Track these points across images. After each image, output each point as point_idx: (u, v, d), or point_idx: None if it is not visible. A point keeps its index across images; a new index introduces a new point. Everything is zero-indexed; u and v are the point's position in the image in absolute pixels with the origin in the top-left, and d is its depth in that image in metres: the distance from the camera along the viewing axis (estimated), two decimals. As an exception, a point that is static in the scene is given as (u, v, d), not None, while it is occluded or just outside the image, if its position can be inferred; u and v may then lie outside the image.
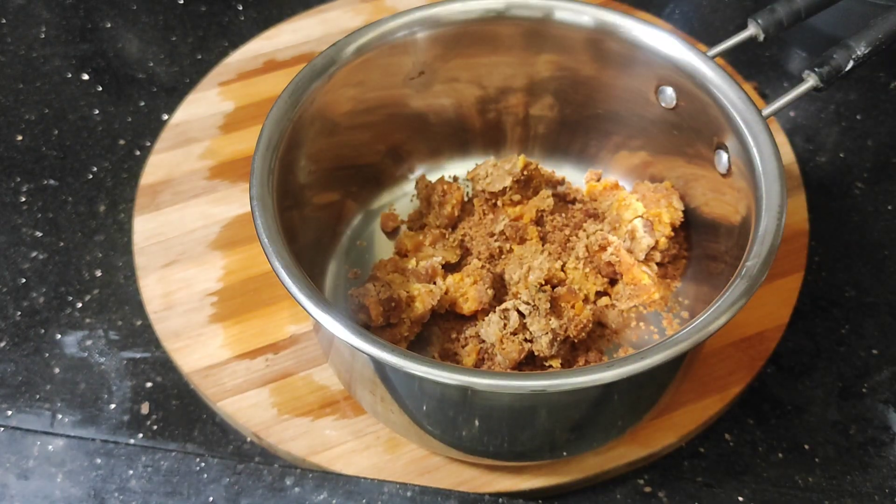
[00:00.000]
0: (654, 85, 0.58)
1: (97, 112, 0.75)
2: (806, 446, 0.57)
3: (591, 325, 0.56)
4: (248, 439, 0.57)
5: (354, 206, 0.64)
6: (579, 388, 0.42)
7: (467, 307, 0.57)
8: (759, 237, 0.47)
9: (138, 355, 0.61)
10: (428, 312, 0.56)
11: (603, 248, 0.59)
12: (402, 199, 0.66)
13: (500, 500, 0.53)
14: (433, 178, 0.65)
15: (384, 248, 0.64)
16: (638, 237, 0.59)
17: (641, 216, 0.59)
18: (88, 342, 0.61)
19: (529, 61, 0.61)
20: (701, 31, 0.81)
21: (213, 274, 0.63)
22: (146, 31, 0.82)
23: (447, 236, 0.62)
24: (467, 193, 0.65)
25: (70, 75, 0.78)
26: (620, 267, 0.59)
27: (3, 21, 0.82)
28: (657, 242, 0.59)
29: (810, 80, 0.54)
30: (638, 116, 0.61)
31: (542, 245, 0.61)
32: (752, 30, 0.56)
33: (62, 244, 0.67)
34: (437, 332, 0.58)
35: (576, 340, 0.56)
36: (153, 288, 0.62)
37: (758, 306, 0.60)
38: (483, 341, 0.56)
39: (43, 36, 0.81)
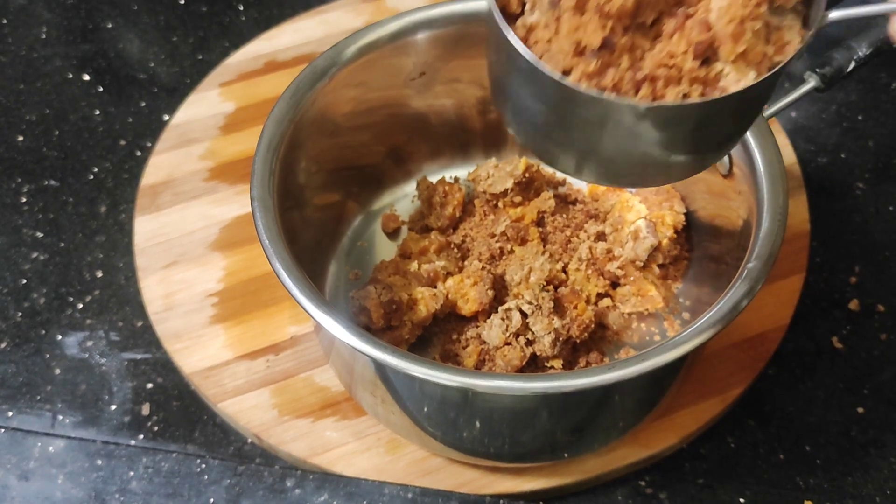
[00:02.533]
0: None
1: (98, 112, 0.75)
2: (807, 448, 0.57)
3: (593, 326, 0.56)
4: (249, 440, 0.57)
5: (355, 207, 0.64)
6: (580, 390, 0.42)
7: (467, 308, 0.57)
8: (761, 238, 0.47)
9: (139, 356, 0.61)
10: (430, 316, 0.56)
11: (610, 259, 0.59)
12: (402, 199, 0.66)
13: (501, 501, 0.53)
14: (434, 179, 0.65)
15: (385, 249, 0.64)
16: (641, 237, 0.59)
17: (644, 218, 0.59)
18: (89, 343, 0.61)
19: (530, 62, 0.61)
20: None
21: (214, 275, 0.63)
22: (147, 32, 0.82)
23: (452, 245, 0.62)
24: (468, 194, 0.65)
25: (71, 76, 0.78)
26: (626, 279, 0.58)
27: (4, 21, 0.82)
28: (660, 244, 0.59)
29: (812, 81, 0.54)
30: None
31: (543, 246, 0.61)
32: None
33: (63, 245, 0.67)
34: (438, 333, 0.58)
35: (578, 341, 0.56)
36: (154, 289, 0.62)
37: (759, 307, 0.60)
38: (484, 342, 0.56)
39: (44, 36, 0.81)
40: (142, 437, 0.57)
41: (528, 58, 0.36)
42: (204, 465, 0.54)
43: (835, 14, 0.37)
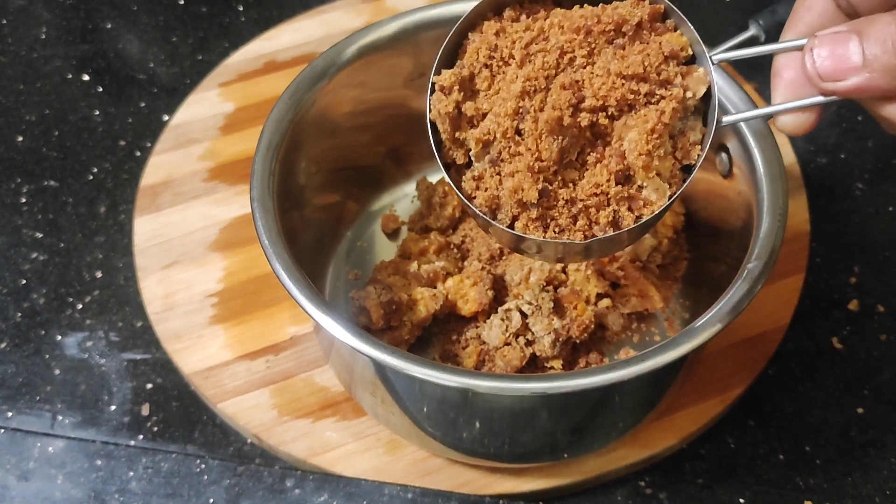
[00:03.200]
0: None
1: (98, 113, 0.75)
2: (807, 448, 0.57)
3: (593, 326, 0.56)
4: (249, 441, 0.57)
5: (355, 208, 0.64)
6: (580, 391, 0.42)
7: (467, 308, 0.57)
8: (761, 239, 0.47)
9: (139, 357, 0.61)
10: (430, 316, 0.56)
11: (609, 260, 0.59)
12: (402, 200, 0.66)
13: (501, 501, 0.53)
14: (434, 179, 0.65)
15: (385, 250, 0.64)
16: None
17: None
18: (89, 343, 0.61)
19: (530, 62, 0.61)
20: (701, 32, 0.81)
21: (214, 275, 0.63)
22: (147, 32, 0.82)
23: (451, 246, 0.62)
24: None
25: (70, 76, 0.78)
26: (626, 279, 0.58)
27: (4, 22, 0.82)
28: (660, 244, 0.59)
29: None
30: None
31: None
32: (752, 31, 0.56)
33: (62, 245, 0.67)
34: (438, 333, 0.58)
35: (577, 341, 0.56)
36: (153, 289, 0.62)
37: (759, 307, 0.60)
38: (484, 343, 0.56)
39: (43, 37, 0.81)
40: (141, 437, 0.57)
41: (479, 213, 0.43)
42: (204, 466, 0.54)
43: (728, 118, 0.42)
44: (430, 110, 0.45)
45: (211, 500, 0.53)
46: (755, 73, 0.78)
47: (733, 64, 0.77)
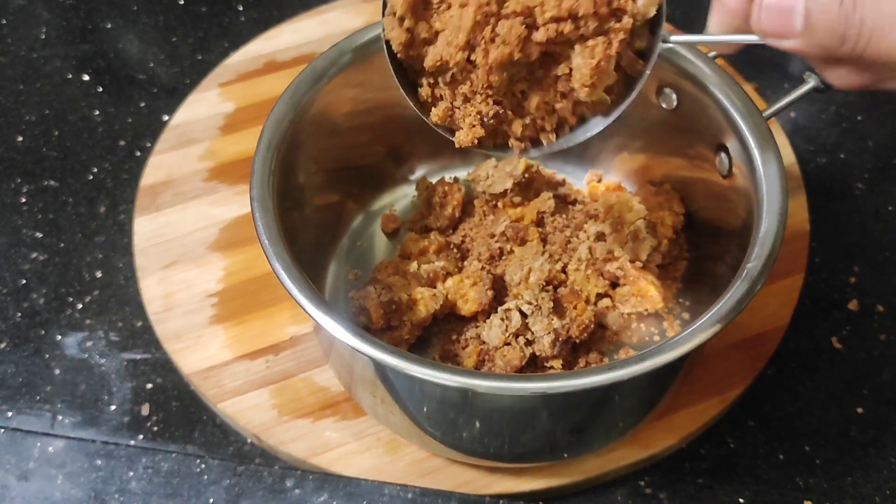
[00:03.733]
0: (655, 86, 0.58)
1: (97, 113, 0.75)
2: (807, 448, 0.57)
3: (592, 326, 0.56)
4: (249, 441, 0.57)
5: (355, 207, 0.64)
6: (580, 391, 0.42)
7: (466, 308, 0.57)
8: (761, 239, 0.47)
9: (139, 356, 0.61)
10: (430, 316, 0.56)
11: (609, 259, 0.59)
12: (402, 200, 0.66)
13: (501, 501, 0.53)
14: (434, 179, 0.65)
15: (385, 250, 0.64)
16: (641, 238, 0.59)
17: (644, 218, 0.59)
18: (89, 343, 0.61)
19: (530, 62, 0.62)
20: (701, 32, 0.81)
21: (214, 275, 0.63)
22: (146, 32, 0.82)
23: (451, 246, 0.62)
24: (468, 195, 0.65)
25: (70, 76, 0.78)
26: (626, 279, 0.58)
27: (4, 22, 0.82)
28: (660, 244, 0.59)
29: (811, 82, 0.53)
30: (639, 118, 0.61)
31: (543, 246, 0.61)
32: None
33: (62, 245, 0.67)
34: (438, 333, 0.58)
35: (577, 341, 0.56)
36: (153, 289, 0.62)
37: (759, 307, 0.60)
38: (484, 343, 0.56)
39: (43, 37, 0.81)
40: (141, 437, 0.57)
41: (435, 127, 0.48)
42: (203, 466, 0.54)
43: (674, 38, 0.44)
44: (384, 29, 0.45)
45: (211, 500, 0.53)
46: (755, 73, 0.78)
47: (733, 64, 0.78)
